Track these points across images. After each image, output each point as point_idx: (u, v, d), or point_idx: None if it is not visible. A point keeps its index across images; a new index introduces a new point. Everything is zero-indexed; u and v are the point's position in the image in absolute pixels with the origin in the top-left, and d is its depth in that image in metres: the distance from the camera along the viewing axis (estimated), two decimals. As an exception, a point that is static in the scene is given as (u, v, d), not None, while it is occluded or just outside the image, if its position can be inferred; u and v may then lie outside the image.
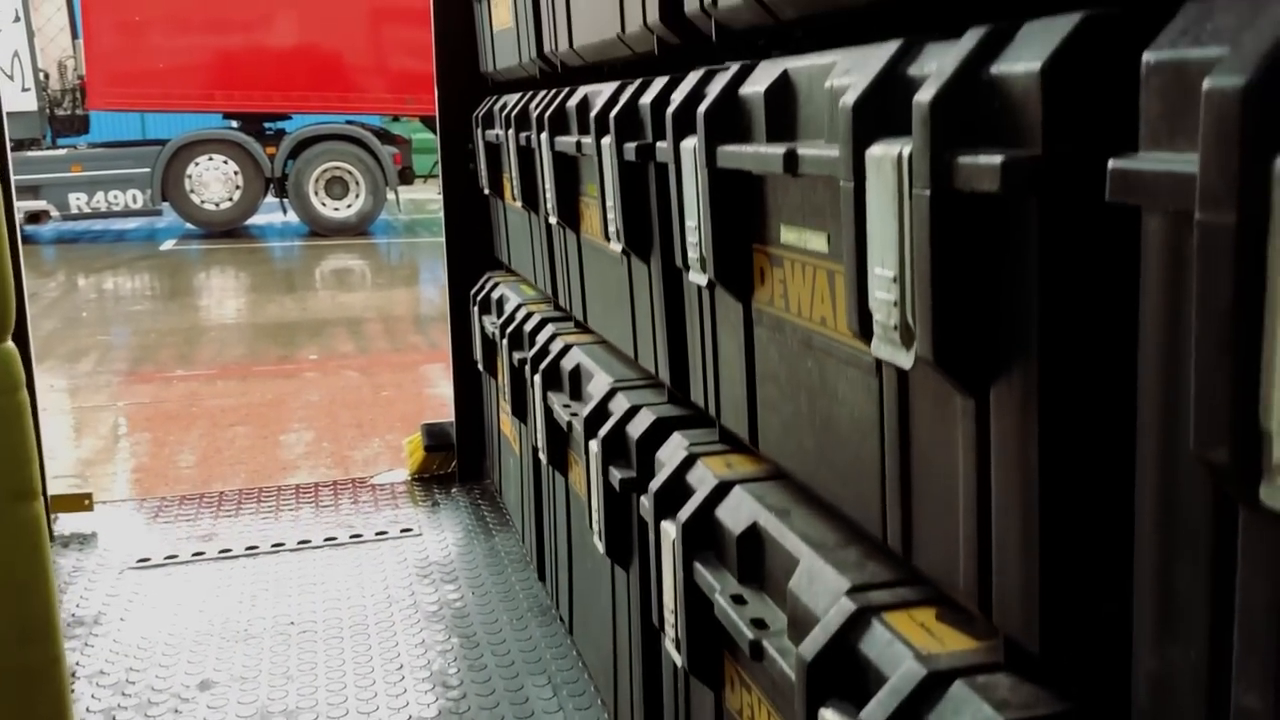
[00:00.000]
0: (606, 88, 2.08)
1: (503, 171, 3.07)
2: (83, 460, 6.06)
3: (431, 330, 9.33)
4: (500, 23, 3.06)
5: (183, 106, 14.30)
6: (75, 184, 13.80)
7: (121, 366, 8.40)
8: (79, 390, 7.59)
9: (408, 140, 15.54)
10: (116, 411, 7.15)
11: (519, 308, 2.95)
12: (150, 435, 6.57)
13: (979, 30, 0.95)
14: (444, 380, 7.54)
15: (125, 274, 12.77)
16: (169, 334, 9.28)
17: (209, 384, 7.69)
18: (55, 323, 9.77)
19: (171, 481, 5.65)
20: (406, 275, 12.59)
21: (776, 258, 1.41)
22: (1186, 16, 0.75)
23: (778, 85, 1.34)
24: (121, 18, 13.69)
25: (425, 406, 7.10)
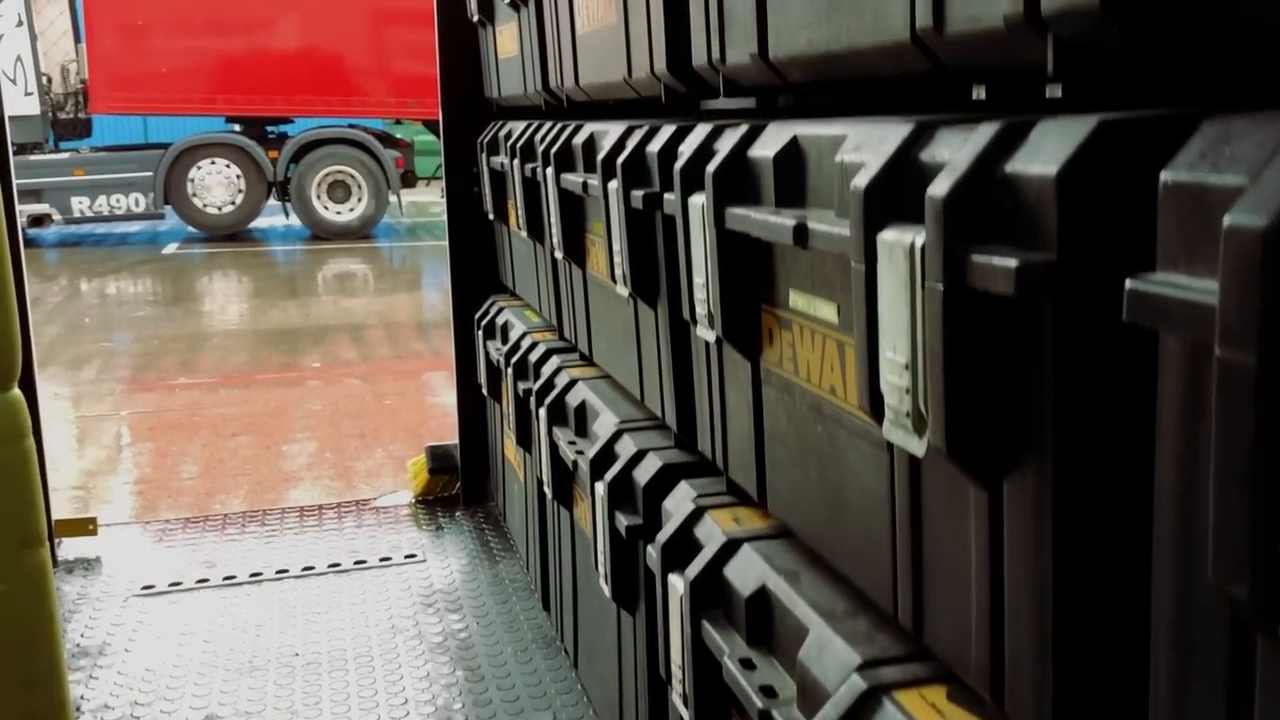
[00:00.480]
0: (613, 128, 2.07)
1: (507, 198, 3.06)
2: (86, 471, 6.06)
3: (433, 337, 9.33)
4: (505, 51, 3.06)
5: (185, 110, 14.31)
6: (78, 188, 13.80)
7: (124, 374, 8.40)
8: (82, 398, 7.59)
9: (410, 143, 15.54)
10: (119, 420, 7.16)
11: (524, 336, 2.95)
12: (153, 445, 6.57)
13: (993, 125, 0.94)
14: (446, 389, 7.55)
15: (127, 278, 12.77)
16: (171, 340, 9.28)
17: (211, 392, 7.69)
18: (58, 328, 9.78)
19: (174, 493, 5.65)
20: (409, 280, 12.58)
21: (785, 321, 1.41)
22: (1205, 137, 0.74)
23: (787, 151, 1.34)
24: (124, 21, 13.69)
25: (428, 416, 7.10)
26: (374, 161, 14.49)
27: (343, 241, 14.70)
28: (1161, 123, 0.84)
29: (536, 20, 2.62)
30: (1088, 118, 0.86)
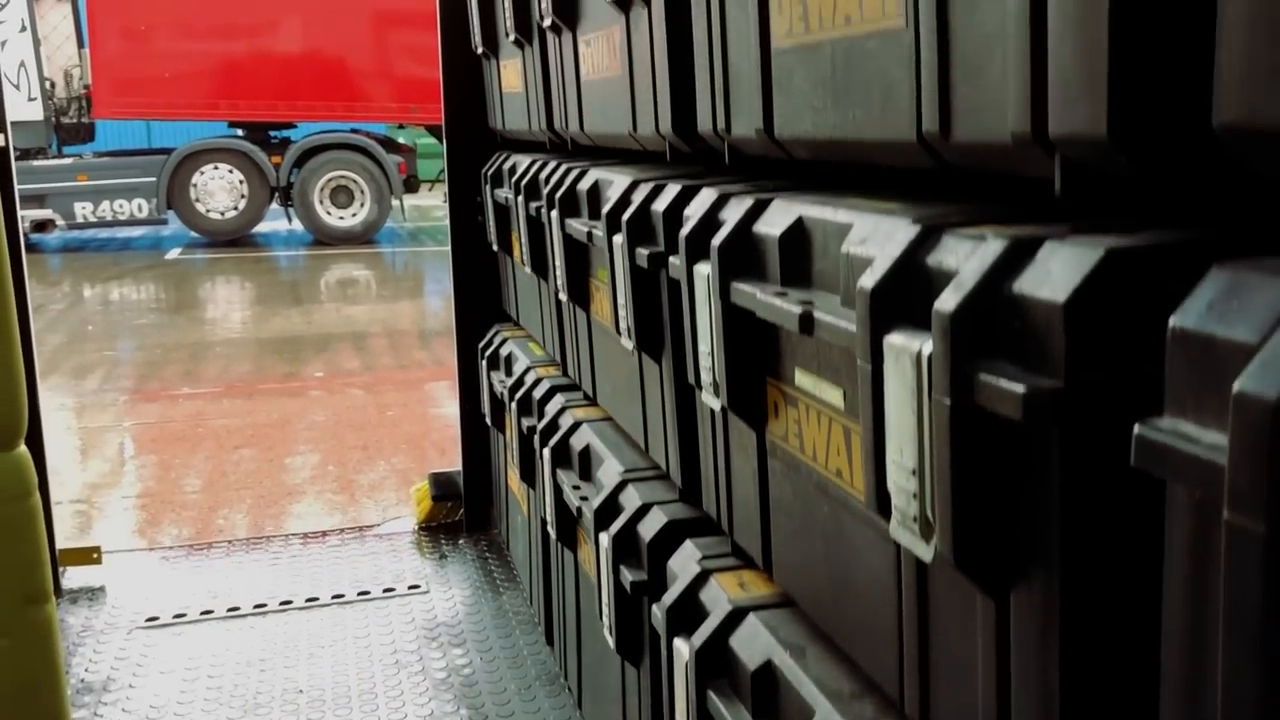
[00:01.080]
0: (618, 179, 2.07)
1: (511, 231, 3.06)
2: (89, 484, 6.07)
3: (435, 345, 9.33)
4: (509, 86, 3.06)
5: (188, 115, 14.32)
6: (81, 193, 13.82)
7: (127, 384, 8.41)
8: (85, 409, 7.60)
9: (412, 148, 15.55)
10: (122, 432, 7.16)
11: (527, 370, 2.96)
12: (156, 458, 6.57)
13: (999, 241, 0.94)
14: (448, 399, 7.55)
15: (131, 284, 12.78)
16: (174, 349, 9.28)
17: (215, 403, 7.70)
18: (62, 336, 9.79)
19: (177, 507, 5.65)
20: (411, 287, 12.58)
21: (791, 397, 1.41)
22: (1215, 285, 0.74)
23: (793, 232, 1.34)
24: (127, 27, 13.70)
25: (430, 427, 7.11)
26: (377, 167, 14.50)
27: (345, 247, 14.71)
28: (1169, 252, 0.84)
29: (541, 61, 2.62)
30: (1095, 242, 0.87)
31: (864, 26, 1.18)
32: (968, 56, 1.01)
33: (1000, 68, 0.96)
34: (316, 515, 5.39)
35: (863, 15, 1.18)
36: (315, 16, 14.11)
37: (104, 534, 5.23)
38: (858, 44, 1.20)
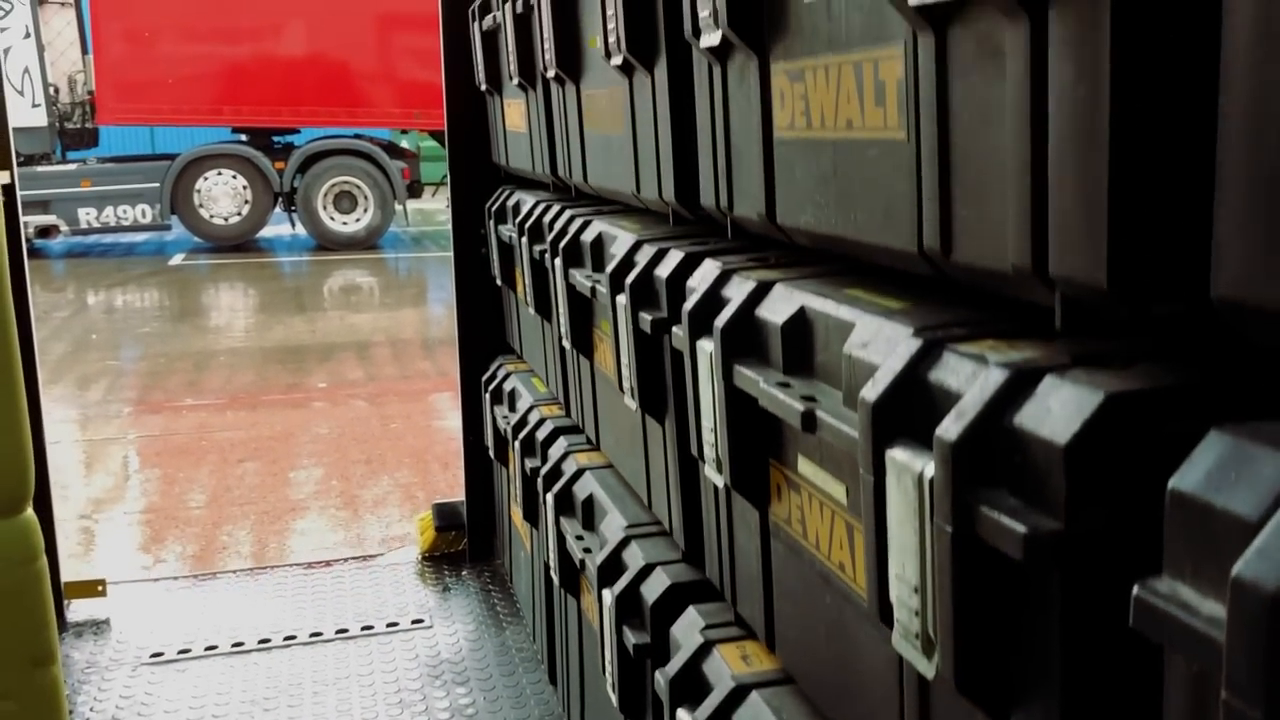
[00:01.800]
0: (622, 236, 2.08)
1: (515, 268, 3.07)
2: (94, 499, 6.09)
3: (438, 355, 9.35)
4: (513, 125, 3.07)
5: (192, 121, 14.35)
6: (85, 199, 13.84)
7: (131, 394, 8.42)
8: (89, 421, 7.62)
9: (415, 153, 15.57)
10: (126, 444, 7.18)
11: (531, 409, 2.96)
12: (160, 471, 6.59)
13: (1000, 371, 0.95)
14: (451, 411, 7.56)
15: (135, 290, 12.80)
16: (178, 359, 9.30)
17: (218, 414, 7.71)
18: (66, 345, 9.81)
19: (181, 524, 5.67)
20: (414, 294, 12.60)
21: (794, 483, 1.42)
22: (1215, 450, 0.75)
23: (795, 322, 1.34)
24: (131, 33, 13.72)
25: (433, 440, 7.12)
26: (380, 172, 14.52)
27: (349, 252, 14.72)
28: (1168, 397, 0.85)
29: (544, 107, 2.63)
30: (1095, 382, 0.87)
31: (865, 133, 1.19)
32: (969, 180, 1.02)
33: (1001, 197, 0.97)
34: (320, 532, 5.41)
35: (864, 122, 1.19)
36: (318, 22, 14.12)
37: (107, 551, 5.25)
38: (859, 149, 1.21)
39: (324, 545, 5.18)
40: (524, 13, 2.56)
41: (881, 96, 1.14)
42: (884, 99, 1.14)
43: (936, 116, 1.04)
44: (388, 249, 15.37)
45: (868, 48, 1.16)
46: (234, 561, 4.94)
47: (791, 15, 1.32)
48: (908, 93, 1.09)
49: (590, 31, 2.18)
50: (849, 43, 1.20)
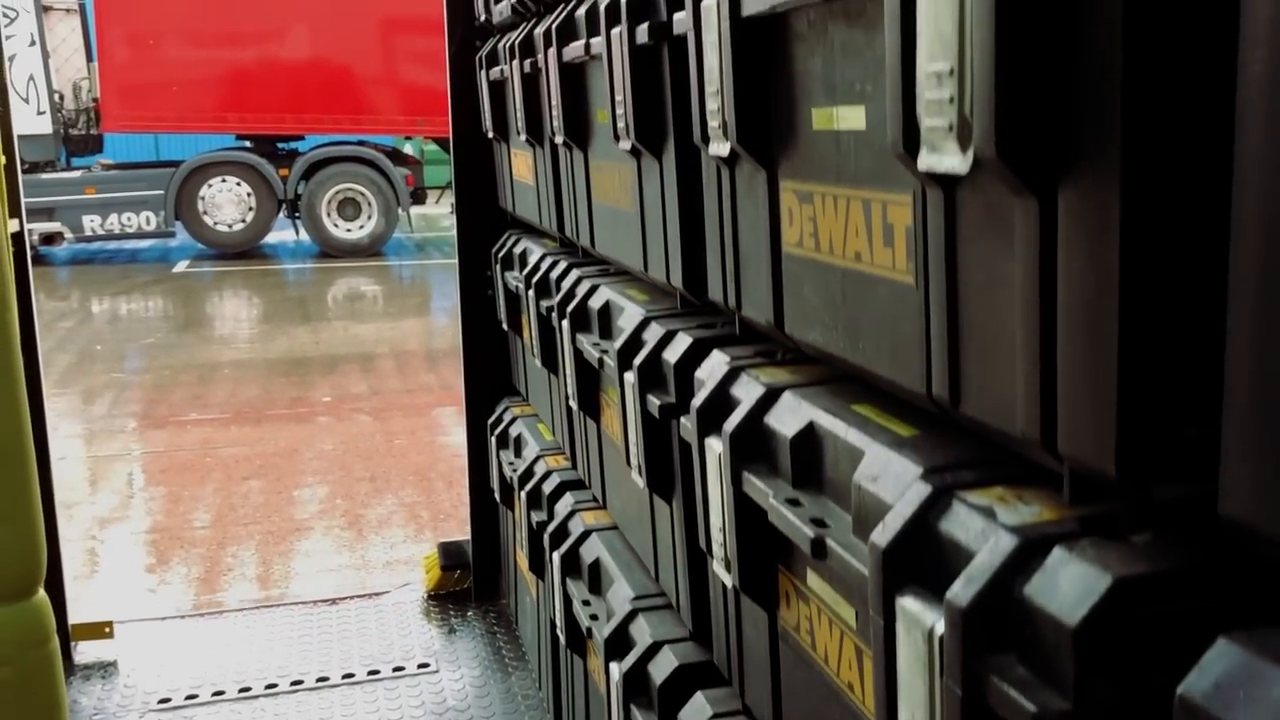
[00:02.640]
0: (630, 310, 2.09)
1: (522, 316, 3.08)
2: (99, 519, 6.11)
3: (442, 368, 9.37)
4: (520, 175, 3.07)
5: (196, 128, 14.37)
6: (89, 206, 13.87)
7: (135, 408, 8.44)
8: (94, 436, 7.63)
9: (419, 160, 15.60)
10: (131, 461, 7.20)
11: (537, 460, 2.97)
12: (165, 490, 6.61)
13: (1011, 538, 0.96)
14: (455, 427, 7.58)
15: (139, 298, 12.82)
16: (182, 371, 9.32)
17: (223, 429, 7.73)
18: (71, 356, 9.83)
19: (186, 544, 5.69)
20: (417, 304, 12.61)
21: (804, 594, 1.43)
22: (1225, 659, 0.76)
23: (804, 437, 1.36)
24: (136, 41, 13.75)
25: (437, 458, 7.14)
26: (384, 179, 14.54)
27: (352, 259, 14.74)
28: (1176, 582, 0.86)
29: (552, 166, 2.63)
30: (1104, 559, 0.88)
31: (874, 269, 1.20)
32: (979, 338, 1.03)
33: (1011, 360, 0.98)
34: (324, 554, 5.43)
35: (873, 259, 1.20)
36: (322, 29, 14.15)
37: (112, 572, 5.26)
38: (868, 283, 1.21)
39: (328, 567, 5.20)
40: (531, 74, 2.57)
41: (890, 238, 1.15)
42: (893, 241, 1.15)
43: (945, 271, 1.05)
44: (391, 256, 15.38)
45: (876, 189, 1.17)
46: (239, 585, 4.96)
47: (801, 139, 1.33)
48: (916, 242, 1.10)
49: (598, 104, 2.19)
50: (857, 179, 1.21)
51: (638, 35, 1.74)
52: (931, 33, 0.95)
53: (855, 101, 1.19)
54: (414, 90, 14.12)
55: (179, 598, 4.84)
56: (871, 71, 1.14)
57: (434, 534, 5.74)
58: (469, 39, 3.33)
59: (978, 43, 0.89)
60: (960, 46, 0.92)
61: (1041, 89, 0.87)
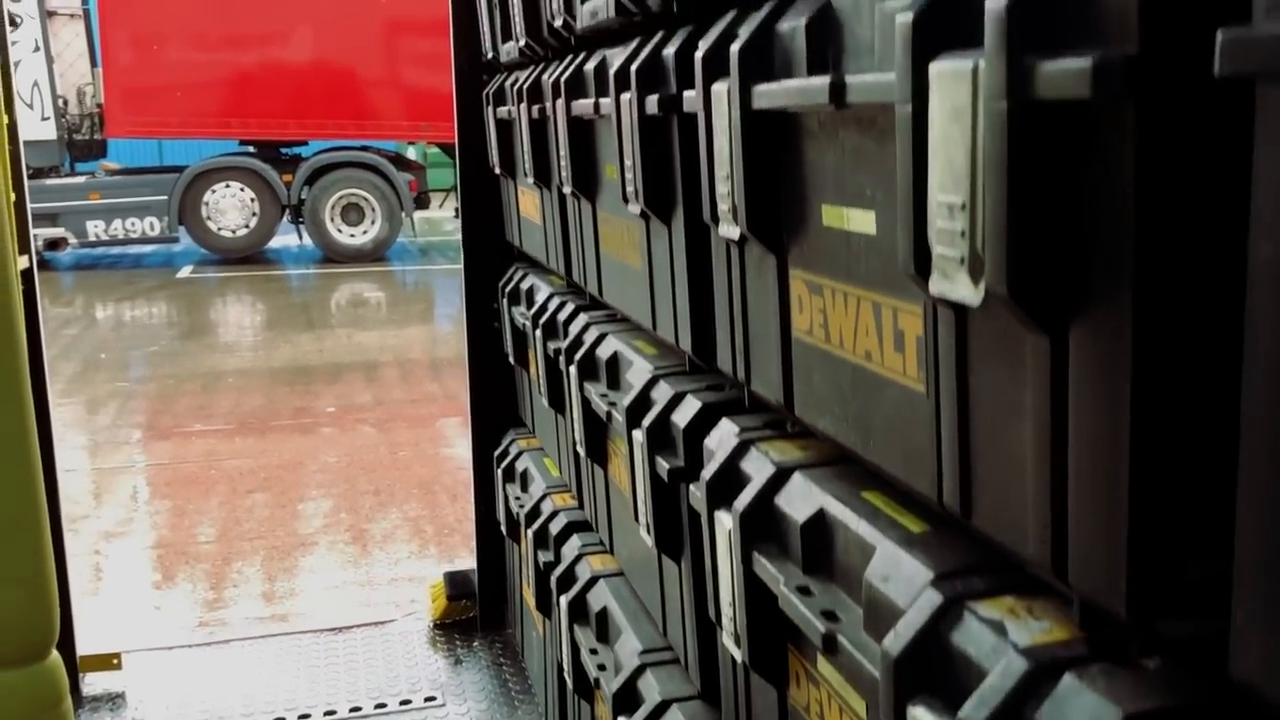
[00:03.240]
0: (639, 365, 2.10)
1: (528, 351, 3.09)
2: (104, 533, 6.13)
3: (445, 377, 9.39)
4: (527, 213, 3.08)
5: (200, 134, 14.40)
6: (93, 211, 13.90)
7: (140, 418, 8.47)
8: (99, 448, 7.65)
9: (423, 165, 15.62)
10: (135, 473, 7.22)
11: (544, 498, 2.99)
12: (170, 503, 6.62)
13: (1021, 661, 0.96)
14: (459, 438, 7.60)
15: (143, 305, 12.85)
16: (187, 380, 9.34)
17: (227, 441, 7.75)
18: (75, 365, 9.85)
19: (192, 559, 5.71)
20: (421, 310, 12.63)
21: (814, 678, 1.44)
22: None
23: (814, 523, 1.37)
24: (140, 47, 13.78)
25: (441, 470, 7.15)
26: (387, 185, 14.56)
27: (356, 264, 14.77)
28: (1186, 717, 0.87)
29: (559, 213, 2.64)
30: (1115, 693, 0.89)
31: (884, 371, 1.21)
32: (990, 457, 1.04)
33: (1021, 483, 0.99)
34: (329, 570, 5.45)
35: (883, 361, 1.21)
36: (325, 35, 14.17)
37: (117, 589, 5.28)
38: (878, 383, 1.22)
39: (333, 584, 5.22)
40: (539, 120, 2.57)
41: (901, 344, 1.16)
42: (903, 347, 1.16)
43: (957, 388, 1.06)
44: (395, 261, 15.40)
45: (887, 294, 1.18)
46: (244, 603, 4.97)
47: (811, 231, 1.34)
48: (927, 353, 1.11)
49: (607, 158, 2.19)
50: (868, 281, 1.22)
51: (647, 105, 1.75)
52: (943, 162, 0.96)
53: (866, 206, 1.20)
54: (417, 95, 14.14)
55: (184, 615, 4.86)
56: (882, 180, 1.15)
57: (438, 549, 5.77)
58: (476, 73, 3.34)
59: (989, 180, 0.90)
60: (972, 181, 0.92)
61: (1054, 232, 0.88)
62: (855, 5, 1.20)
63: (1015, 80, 0.85)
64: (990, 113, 0.88)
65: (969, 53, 0.92)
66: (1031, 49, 0.85)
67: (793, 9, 1.35)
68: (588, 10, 2.13)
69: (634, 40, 1.94)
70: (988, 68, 0.88)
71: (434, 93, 13.25)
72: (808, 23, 1.27)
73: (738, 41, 1.39)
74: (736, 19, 1.49)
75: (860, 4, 1.19)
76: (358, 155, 14.67)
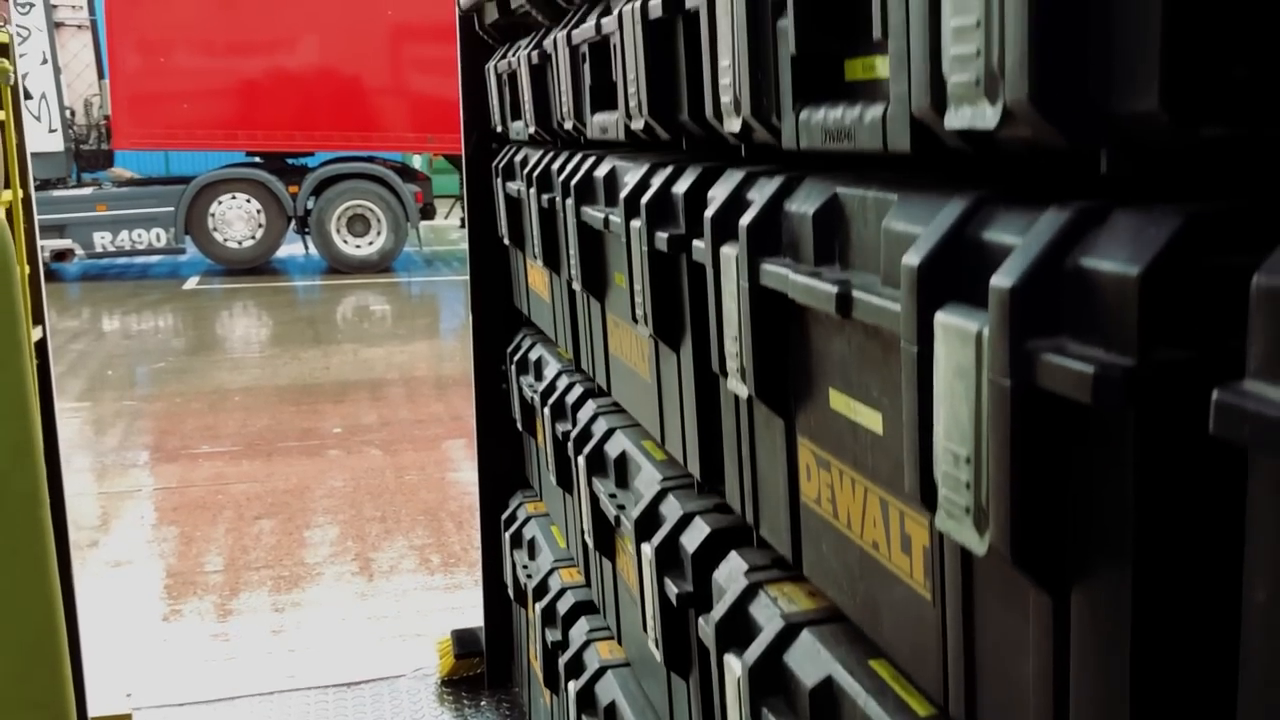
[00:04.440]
0: (649, 474, 2.12)
1: (535, 420, 3.11)
2: (110, 562, 6.17)
3: (451, 395, 9.42)
4: (535, 287, 3.11)
5: (207, 145, 14.46)
6: (100, 223, 13.96)
7: (147, 439, 8.51)
8: (106, 471, 7.69)
9: (428, 177, 15.66)
10: (142, 498, 7.25)
11: (552, 572, 3.01)
12: (178, 530, 6.66)
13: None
14: (464, 461, 7.65)
15: (150, 318, 12.90)
16: (193, 399, 9.38)
17: (234, 464, 7.79)
18: (83, 383, 9.90)
19: (200, 590, 5.75)
20: (426, 324, 12.66)
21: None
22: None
23: (821, 690, 1.39)
24: (147, 58, 13.82)
25: (447, 495, 7.20)
26: (393, 196, 14.60)
27: (362, 275, 14.81)
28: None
29: (568, 300, 2.66)
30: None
31: (892, 567, 1.23)
32: (994, 684, 1.06)
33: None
34: (336, 603, 5.48)
35: (890, 558, 1.23)
36: (331, 47, 14.21)
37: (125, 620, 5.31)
38: (886, 577, 1.25)
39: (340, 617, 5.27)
40: (549, 209, 2.59)
41: (908, 548, 1.19)
42: (910, 551, 1.18)
43: (962, 613, 1.08)
44: (400, 271, 15.45)
45: (894, 495, 1.21)
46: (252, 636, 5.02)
47: (819, 409, 1.36)
48: (934, 568, 1.13)
49: (616, 266, 2.21)
50: (875, 476, 1.24)
51: (656, 241, 1.77)
52: (949, 412, 0.98)
53: (873, 406, 1.22)
54: (423, 107, 14.17)
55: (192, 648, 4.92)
56: (888, 388, 1.18)
57: (445, 578, 5.81)
58: (485, 143, 3.36)
59: (993, 444, 0.92)
60: (976, 438, 0.95)
61: (1056, 502, 0.91)
62: (861, 209, 1.23)
63: (1018, 363, 0.88)
64: (994, 385, 0.91)
65: (975, 312, 0.94)
66: (1035, 332, 0.87)
67: (801, 190, 1.37)
68: (597, 124, 2.15)
69: (645, 160, 1.97)
70: (991, 344, 0.90)
71: (440, 104, 13.30)
72: (814, 214, 1.30)
73: (748, 215, 1.41)
74: (745, 181, 1.51)
75: (866, 212, 1.21)
76: (364, 167, 14.71)
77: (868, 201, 1.22)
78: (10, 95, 2.90)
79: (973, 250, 1.00)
